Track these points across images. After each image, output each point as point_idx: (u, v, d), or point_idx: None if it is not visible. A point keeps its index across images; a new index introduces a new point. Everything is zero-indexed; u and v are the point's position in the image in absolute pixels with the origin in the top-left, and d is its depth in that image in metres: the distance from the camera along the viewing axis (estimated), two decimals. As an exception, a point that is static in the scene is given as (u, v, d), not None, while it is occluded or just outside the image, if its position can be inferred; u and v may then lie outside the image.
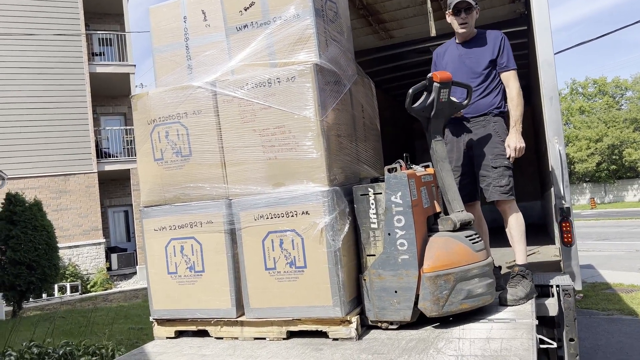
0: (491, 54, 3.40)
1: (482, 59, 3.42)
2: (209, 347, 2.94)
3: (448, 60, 3.54)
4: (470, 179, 3.47)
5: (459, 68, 3.43)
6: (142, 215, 3.24)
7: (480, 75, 3.41)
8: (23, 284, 10.70)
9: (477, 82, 3.40)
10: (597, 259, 11.73)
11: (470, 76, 3.40)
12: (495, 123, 3.40)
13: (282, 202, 2.85)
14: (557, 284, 3.33)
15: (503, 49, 3.39)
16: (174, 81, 3.20)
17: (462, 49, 3.51)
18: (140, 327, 8.13)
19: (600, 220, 24.19)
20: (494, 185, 3.32)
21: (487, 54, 3.41)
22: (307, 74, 2.81)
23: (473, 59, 3.44)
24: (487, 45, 3.43)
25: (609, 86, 44.81)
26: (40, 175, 16.08)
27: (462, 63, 3.46)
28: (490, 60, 3.40)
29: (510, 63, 3.40)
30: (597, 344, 5.54)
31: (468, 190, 3.44)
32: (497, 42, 3.40)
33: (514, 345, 2.38)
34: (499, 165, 3.32)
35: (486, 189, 3.36)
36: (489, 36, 3.45)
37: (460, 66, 3.45)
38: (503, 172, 3.31)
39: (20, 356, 4.77)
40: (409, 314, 2.73)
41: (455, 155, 3.52)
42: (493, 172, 3.32)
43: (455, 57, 3.52)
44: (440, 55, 3.65)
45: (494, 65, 3.41)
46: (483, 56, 3.42)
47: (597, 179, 40.37)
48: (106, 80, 17.80)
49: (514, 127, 3.29)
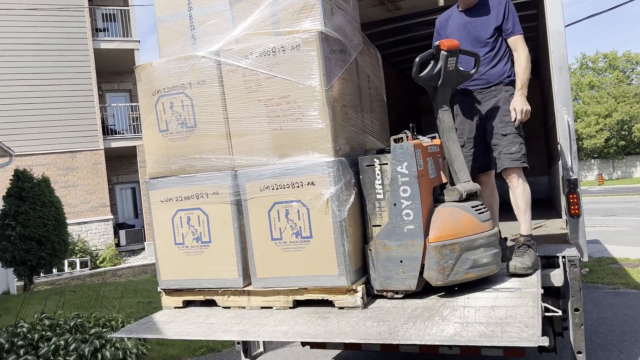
0: (495, 20, 3.32)
1: (487, 26, 3.34)
2: (217, 316, 2.98)
3: (452, 29, 3.47)
4: (483, 150, 3.46)
5: (464, 37, 3.35)
6: (148, 186, 3.25)
7: (486, 44, 3.35)
8: (33, 259, 10.83)
9: (484, 51, 3.34)
10: (603, 235, 11.71)
11: (476, 45, 3.34)
12: (506, 92, 3.35)
13: (287, 173, 2.85)
14: (563, 255, 3.33)
15: (508, 14, 3.31)
16: (177, 51, 3.17)
17: (465, 17, 3.43)
18: (149, 300, 8.26)
19: (607, 197, 24.07)
20: (504, 152, 3.28)
21: (491, 21, 3.33)
22: (311, 42, 2.77)
23: (478, 27, 3.37)
24: (491, 12, 3.35)
25: (619, 60, 44.08)
26: (48, 152, 16.15)
27: (466, 32, 3.39)
28: (495, 27, 3.32)
29: (516, 28, 3.33)
30: (602, 317, 5.56)
31: (482, 161, 3.45)
32: (500, 8, 3.32)
33: (519, 312, 2.39)
34: (508, 132, 3.28)
35: (498, 158, 3.33)
36: (492, 2, 3.36)
37: (465, 35, 3.37)
38: (513, 139, 3.27)
39: (32, 328, 4.86)
40: (414, 283, 2.75)
41: (467, 127, 3.48)
42: (503, 139, 3.29)
43: (460, 25, 3.44)
44: (443, 23, 3.57)
45: (499, 32, 3.34)
46: (488, 24, 3.34)
47: (605, 155, 40.05)
48: (111, 57, 17.71)
49: (519, 91, 3.25)
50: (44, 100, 16.03)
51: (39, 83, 16.02)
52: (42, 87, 16.06)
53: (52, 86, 16.19)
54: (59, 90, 16.28)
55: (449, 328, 2.32)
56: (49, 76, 16.16)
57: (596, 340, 4.83)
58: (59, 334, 4.74)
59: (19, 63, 15.89)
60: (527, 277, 3.02)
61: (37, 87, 16.00)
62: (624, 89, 40.85)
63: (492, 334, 2.19)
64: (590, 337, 4.82)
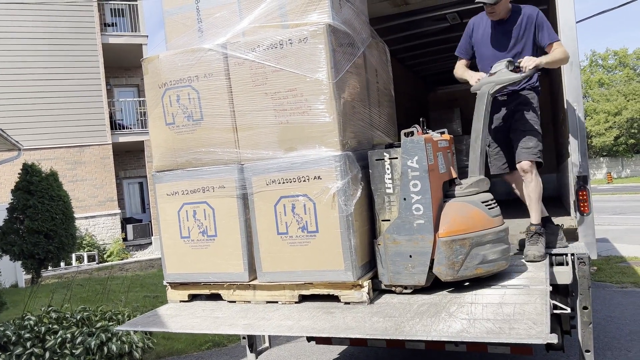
0: (526, 34, 3.45)
1: (516, 37, 3.47)
2: (222, 309, 2.98)
3: (483, 34, 3.60)
4: (506, 149, 3.61)
5: (494, 45, 3.53)
6: (155, 179, 3.25)
7: (513, 53, 3.47)
8: (41, 252, 10.90)
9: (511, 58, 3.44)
10: (612, 233, 11.61)
11: (504, 53, 3.49)
12: (528, 95, 3.51)
13: (294, 167, 2.84)
14: (572, 253, 3.29)
15: (542, 26, 3.43)
16: (184, 44, 3.16)
17: (497, 27, 3.54)
18: (155, 295, 8.28)
19: (616, 195, 23.87)
20: (522, 147, 3.41)
21: (521, 32, 3.46)
22: (319, 35, 2.75)
23: (508, 37, 3.50)
24: (523, 26, 3.46)
25: (630, 58, 43.59)
26: (56, 146, 16.22)
27: (496, 40, 3.54)
28: (525, 41, 3.45)
29: (552, 36, 3.44)
30: (610, 316, 5.52)
31: (506, 159, 3.61)
32: (531, 22, 3.44)
33: (527, 309, 2.36)
34: (528, 128, 3.43)
35: (516, 153, 3.45)
36: (524, 13, 3.47)
37: (494, 42, 3.54)
38: (531, 135, 3.41)
39: (39, 320, 4.88)
40: (424, 278, 2.74)
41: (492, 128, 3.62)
42: (521, 134, 3.43)
43: (491, 33, 3.57)
44: (475, 27, 3.68)
45: (529, 47, 3.46)
46: (517, 35, 3.46)
47: (614, 153, 39.69)
48: (119, 51, 17.74)
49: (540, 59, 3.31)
50: (52, 94, 16.09)
51: (47, 77, 16.08)
52: (50, 81, 16.12)
53: (61, 81, 16.24)
54: (67, 85, 16.33)
55: (456, 324, 2.29)
56: (57, 71, 16.21)
57: (604, 339, 4.78)
58: (66, 327, 4.76)
59: (28, 58, 15.95)
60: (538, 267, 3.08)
61: (45, 81, 16.06)
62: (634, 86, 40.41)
63: (499, 330, 2.16)
64: (598, 336, 4.78)
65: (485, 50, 3.58)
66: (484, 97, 3.24)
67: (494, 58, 3.46)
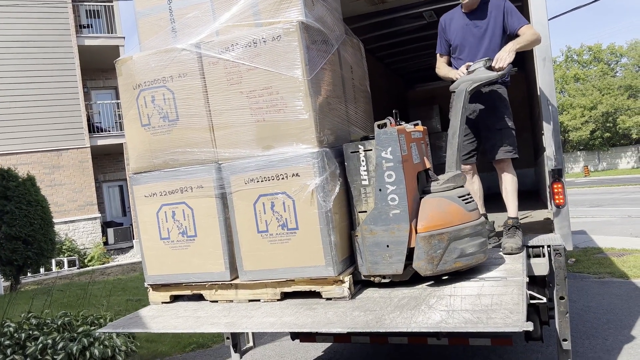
0: (494, 21, 3.55)
1: (487, 28, 3.57)
2: (204, 309, 2.98)
3: (456, 29, 3.69)
4: (471, 141, 3.71)
5: (466, 37, 3.63)
6: (132, 181, 3.23)
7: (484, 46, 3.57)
8: (20, 258, 10.72)
9: (481, 54, 3.55)
10: (590, 225, 11.85)
11: (478, 45, 3.58)
12: (498, 89, 3.61)
13: (272, 165, 2.85)
14: (548, 244, 3.36)
15: (510, 12, 3.53)
16: (158, 45, 3.14)
17: (467, 19, 3.64)
18: (138, 298, 8.21)
19: (593, 188, 24.36)
20: (499, 145, 3.55)
21: (491, 22, 3.56)
22: (292, 33, 2.76)
23: (479, 29, 3.60)
24: (491, 14, 3.56)
25: (604, 53, 44.48)
26: (33, 150, 15.94)
27: (469, 32, 3.63)
28: (495, 30, 3.55)
29: (521, 20, 3.53)
30: (588, 305, 5.64)
31: (468, 150, 3.70)
32: (499, 9, 3.54)
33: (504, 300, 2.41)
34: (503, 127, 3.56)
35: (491, 149, 3.58)
36: (492, 4, 3.57)
37: (467, 35, 3.63)
38: (507, 133, 3.57)
39: (19, 327, 4.81)
40: (401, 267, 2.79)
41: None
42: (497, 133, 3.57)
43: (463, 25, 3.66)
44: (447, 22, 3.76)
45: (499, 33, 3.56)
46: (487, 26, 3.57)
47: (591, 147, 40.49)
48: (95, 53, 17.50)
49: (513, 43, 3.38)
50: (27, 98, 15.79)
51: (22, 81, 15.78)
52: (25, 84, 15.83)
53: (36, 84, 15.95)
54: (43, 88, 16.05)
55: (435, 316, 2.33)
56: (32, 74, 15.92)
57: (582, 328, 4.89)
58: (47, 333, 4.70)
59: (1, 61, 15.64)
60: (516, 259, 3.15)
61: (20, 84, 15.77)
62: (609, 81, 41.26)
63: (477, 320, 2.21)
64: (577, 326, 4.89)
65: (458, 42, 3.67)
66: (462, 94, 3.31)
67: (468, 49, 3.59)
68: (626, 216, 13.20)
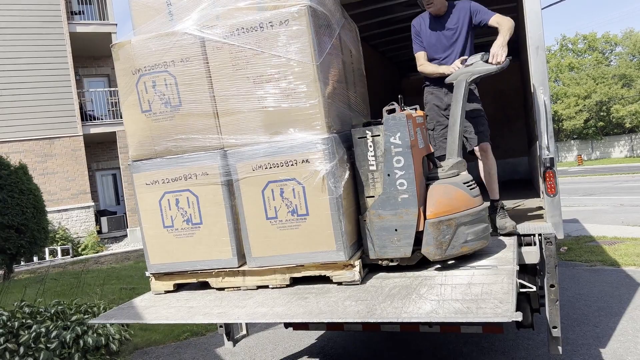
0: (462, 22, 3.71)
1: (455, 29, 3.73)
2: (197, 299, 2.98)
3: (428, 32, 3.83)
4: None
5: (438, 39, 3.78)
6: (132, 169, 3.17)
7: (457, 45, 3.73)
8: (13, 247, 10.69)
9: (455, 53, 3.73)
10: (582, 214, 11.93)
11: (448, 46, 3.75)
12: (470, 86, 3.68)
13: (281, 151, 2.83)
14: (539, 233, 3.38)
15: (477, 10, 3.68)
16: (154, 29, 3.06)
17: (437, 22, 3.79)
18: (132, 287, 8.21)
19: (586, 177, 24.49)
20: (475, 132, 3.67)
21: (459, 24, 3.72)
22: (301, 17, 2.72)
23: (449, 31, 3.75)
24: (459, 15, 3.72)
25: (598, 42, 44.50)
26: (25, 139, 15.82)
27: (440, 34, 3.78)
28: (462, 31, 3.71)
29: (488, 14, 3.66)
30: (579, 293, 5.69)
31: None
32: (466, 10, 3.71)
33: (494, 289, 2.43)
34: (476, 115, 3.70)
35: (469, 137, 3.68)
36: (458, 7, 3.74)
37: (439, 37, 3.78)
38: (480, 120, 3.70)
39: (12, 316, 4.80)
40: (409, 250, 2.83)
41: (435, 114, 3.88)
42: (472, 121, 3.68)
43: (434, 28, 3.80)
44: (420, 26, 3.90)
45: (467, 34, 3.72)
46: (456, 28, 3.73)
47: (584, 136, 40.66)
48: (87, 41, 17.31)
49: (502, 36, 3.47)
50: (18, 86, 15.64)
51: (12, 68, 15.61)
52: (16, 72, 15.66)
53: (27, 71, 15.78)
54: (34, 76, 15.88)
55: (426, 305, 2.35)
56: (23, 61, 15.75)
57: (573, 315, 4.94)
58: (40, 322, 4.70)
59: (-8, 48, 15.46)
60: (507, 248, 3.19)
61: (11, 72, 15.60)
62: (603, 70, 41.32)
63: (467, 310, 2.22)
64: (568, 313, 4.94)
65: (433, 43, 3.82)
66: (462, 84, 3.37)
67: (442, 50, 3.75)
68: (618, 205, 13.30)
